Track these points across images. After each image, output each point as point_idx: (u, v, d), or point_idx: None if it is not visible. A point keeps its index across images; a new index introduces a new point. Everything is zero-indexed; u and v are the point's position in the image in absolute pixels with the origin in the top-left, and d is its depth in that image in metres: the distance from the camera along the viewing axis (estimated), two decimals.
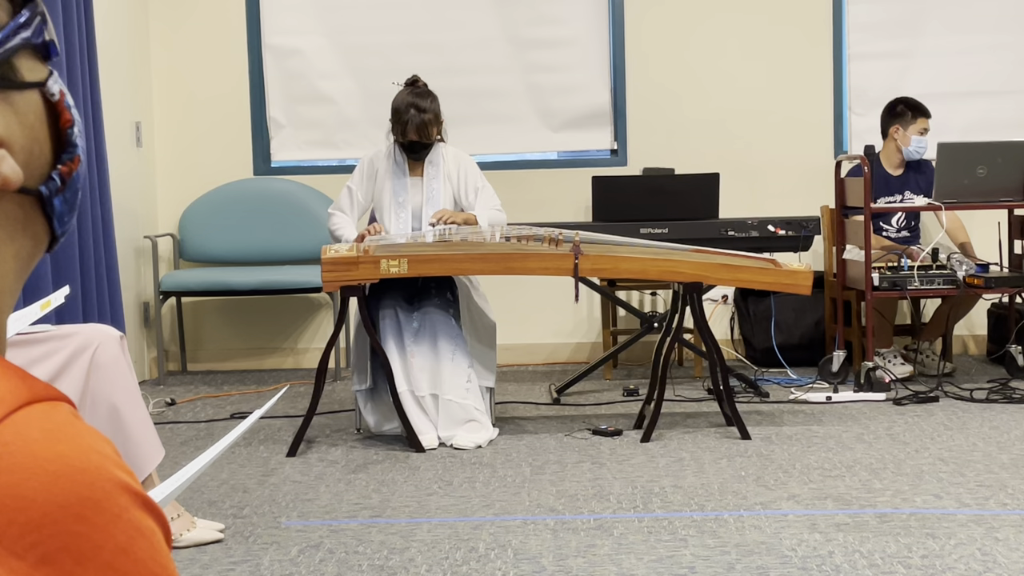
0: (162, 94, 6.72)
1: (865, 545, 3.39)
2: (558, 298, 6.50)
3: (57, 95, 0.81)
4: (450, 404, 4.78)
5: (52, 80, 0.81)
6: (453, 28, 6.68)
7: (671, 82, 6.69)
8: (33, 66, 0.80)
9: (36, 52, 0.80)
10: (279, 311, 6.74)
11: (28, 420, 0.70)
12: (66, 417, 0.71)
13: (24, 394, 0.71)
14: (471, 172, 5.10)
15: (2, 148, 0.76)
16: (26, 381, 0.72)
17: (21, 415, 0.70)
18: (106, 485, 0.69)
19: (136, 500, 0.71)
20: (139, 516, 0.71)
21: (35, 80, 0.80)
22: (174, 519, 3.52)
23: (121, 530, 0.69)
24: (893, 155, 6.13)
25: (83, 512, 0.68)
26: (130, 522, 0.70)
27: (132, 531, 0.70)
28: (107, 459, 0.71)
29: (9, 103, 0.77)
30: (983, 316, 6.60)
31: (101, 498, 0.69)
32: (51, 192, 0.80)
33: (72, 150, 0.82)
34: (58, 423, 0.71)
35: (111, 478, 0.70)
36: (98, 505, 0.68)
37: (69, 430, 0.71)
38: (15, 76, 0.78)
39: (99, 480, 0.69)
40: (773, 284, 4.78)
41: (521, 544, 3.48)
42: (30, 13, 0.79)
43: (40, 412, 0.71)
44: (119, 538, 0.69)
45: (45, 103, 0.80)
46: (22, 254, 0.80)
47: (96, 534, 0.68)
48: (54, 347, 3.33)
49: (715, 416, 5.11)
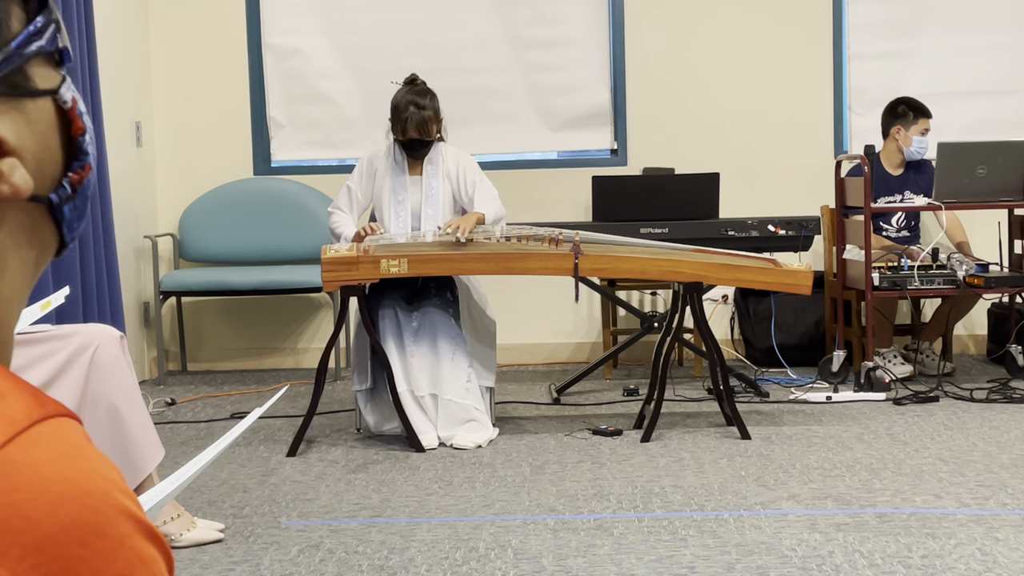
0: (162, 94, 6.72)
1: (865, 545, 3.39)
2: (558, 298, 6.50)
3: (69, 102, 0.80)
4: (450, 404, 4.78)
5: (65, 87, 0.80)
6: (453, 28, 6.68)
7: (671, 81, 6.69)
8: (46, 73, 0.79)
9: (50, 59, 0.80)
10: (279, 311, 6.74)
11: (38, 439, 0.69)
12: (75, 438, 0.71)
13: (36, 412, 0.71)
14: (470, 170, 5.09)
15: (13, 157, 0.76)
16: (38, 398, 0.72)
17: (32, 434, 0.69)
18: (110, 511, 0.69)
19: (139, 528, 0.71)
20: (141, 544, 0.70)
21: (48, 87, 0.79)
22: (174, 519, 3.52)
23: (123, 557, 0.69)
24: (894, 155, 6.13)
25: (85, 536, 0.68)
26: (132, 549, 0.70)
27: (133, 559, 0.69)
28: (113, 485, 0.71)
29: (21, 111, 0.77)
30: (983, 316, 6.60)
31: (104, 523, 0.69)
32: (61, 200, 0.80)
33: (83, 158, 0.81)
34: (67, 444, 0.70)
35: (115, 504, 0.70)
36: (101, 530, 0.68)
37: (77, 452, 0.70)
38: (28, 84, 0.77)
39: (103, 505, 0.69)
40: (773, 284, 4.78)
41: (521, 544, 3.48)
42: (44, 20, 0.79)
43: (51, 431, 0.70)
44: (120, 564, 0.69)
45: (57, 110, 0.80)
46: (30, 261, 0.80)
47: (97, 559, 0.68)
48: (54, 347, 3.33)
49: (715, 416, 5.11)
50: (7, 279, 0.78)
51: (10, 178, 0.75)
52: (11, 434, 0.69)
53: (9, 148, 0.75)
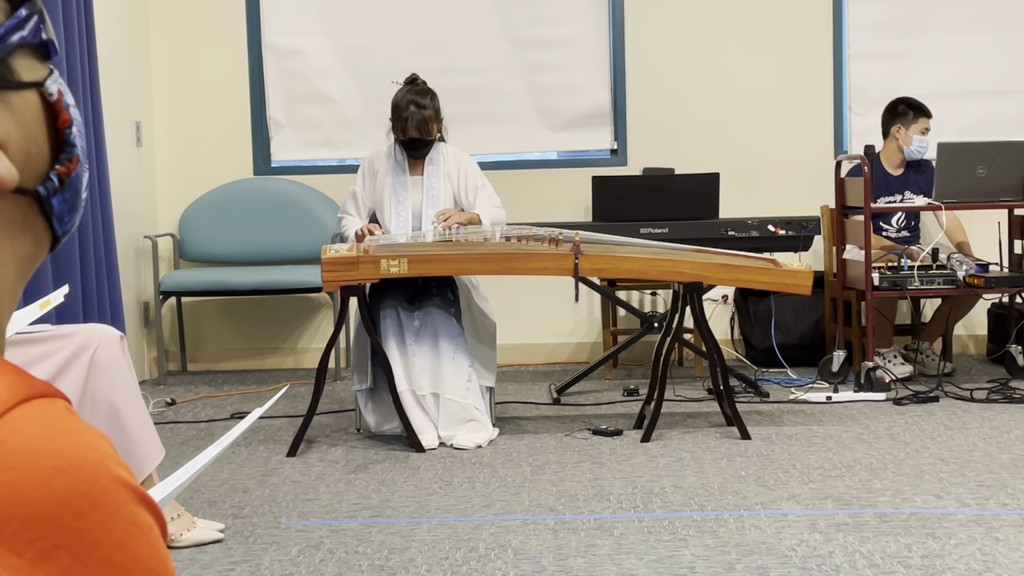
0: (162, 94, 6.72)
1: (865, 545, 3.39)
2: (558, 298, 6.50)
3: (55, 95, 0.80)
4: (450, 404, 4.78)
5: (51, 80, 0.80)
6: (453, 28, 6.68)
7: (671, 82, 6.69)
8: (31, 65, 0.79)
9: (34, 51, 0.80)
10: (279, 311, 6.74)
11: (26, 417, 0.70)
12: (63, 413, 0.72)
13: (21, 391, 0.71)
14: (471, 171, 5.10)
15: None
16: (23, 378, 0.72)
17: (19, 412, 0.70)
18: (103, 480, 0.69)
19: (133, 496, 0.71)
20: (136, 512, 0.71)
21: (32, 80, 0.79)
22: (174, 519, 3.52)
23: (119, 526, 0.69)
24: (894, 155, 6.13)
25: (81, 508, 0.68)
26: (128, 518, 0.70)
27: (130, 527, 0.70)
28: (104, 455, 0.71)
29: (5, 103, 0.77)
30: (983, 316, 6.60)
31: (99, 494, 0.69)
32: (49, 192, 0.80)
33: (70, 150, 0.82)
34: (55, 419, 0.71)
35: (108, 473, 0.70)
36: (96, 501, 0.69)
37: (66, 426, 0.71)
38: (11, 76, 0.77)
39: (96, 476, 0.69)
40: (773, 284, 4.78)
41: (521, 544, 3.48)
42: (27, 12, 0.79)
43: (37, 409, 0.71)
44: (117, 534, 0.69)
45: (43, 103, 0.80)
46: (22, 255, 0.80)
47: (94, 529, 0.68)
48: (54, 347, 3.33)
49: (715, 416, 5.11)
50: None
51: None
52: None
53: None
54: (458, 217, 4.87)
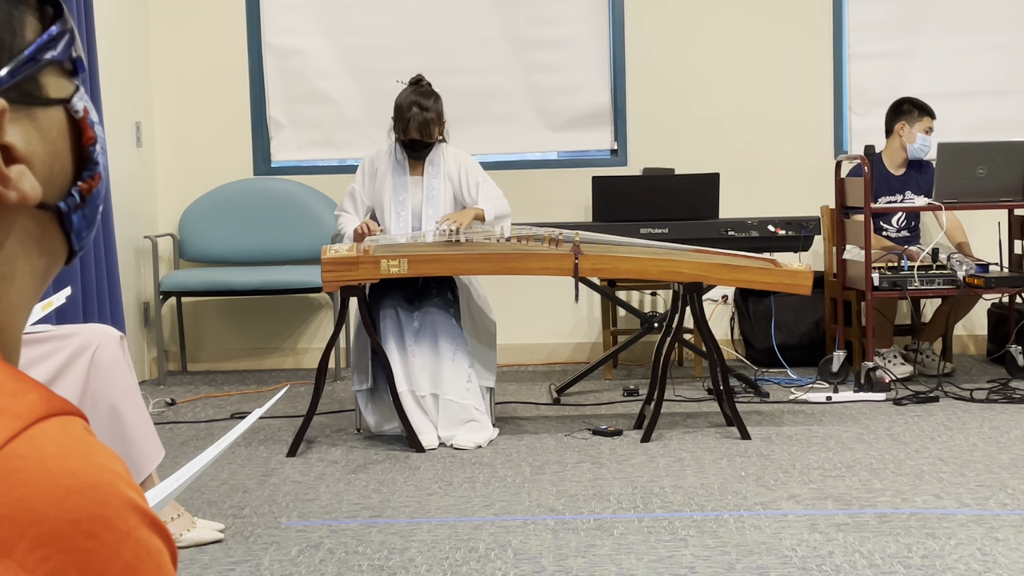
0: (162, 94, 6.72)
1: (865, 545, 3.39)
2: (558, 298, 6.50)
3: (81, 112, 0.81)
4: (450, 404, 4.77)
5: (77, 97, 0.81)
6: (453, 28, 6.68)
7: (671, 82, 6.69)
8: (59, 83, 0.80)
9: (62, 68, 0.80)
10: (279, 311, 6.75)
11: (44, 435, 0.70)
12: (80, 433, 0.72)
13: (42, 408, 0.71)
14: (471, 169, 5.09)
15: (23, 164, 0.76)
16: (43, 395, 0.73)
17: (38, 429, 0.70)
18: (116, 503, 0.70)
19: (145, 520, 0.71)
20: (147, 536, 0.71)
21: (60, 97, 0.79)
22: (174, 519, 3.52)
23: (129, 549, 0.70)
24: (896, 154, 6.13)
25: (93, 529, 0.68)
26: (138, 541, 0.70)
27: (140, 550, 0.70)
28: (118, 477, 0.71)
29: (32, 119, 0.77)
30: (983, 316, 6.60)
31: (111, 516, 0.69)
32: (70, 208, 0.80)
33: (93, 167, 0.82)
34: (73, 438, 0.71)
35: (121, 496, 0.70)
36: (108, 523, 0.69)
37: (83, 446, 0.71)
38: (40, 93, 0.78)
39: (110, 498, 0.70)
40: (773, 284, 4.78)
41: (521, 544, 3.48)
42: (58, 30, 0.79)
43: (56, 427, 0.71)
44: (127, 556, 0.69)
45: (69, 119, 0.80)
46: (39, 268, 0.80)
47: (104, 551, 0.69)
48: (54, 347, 3.33)
49: (715, 416, 5.11)
50: (16, 285, 0.79)
51: (18, 185, 0.76)
52: (17, 430, 0.69)
53: (18, 155, 0.76)
54: (460, 219, 4.84)
